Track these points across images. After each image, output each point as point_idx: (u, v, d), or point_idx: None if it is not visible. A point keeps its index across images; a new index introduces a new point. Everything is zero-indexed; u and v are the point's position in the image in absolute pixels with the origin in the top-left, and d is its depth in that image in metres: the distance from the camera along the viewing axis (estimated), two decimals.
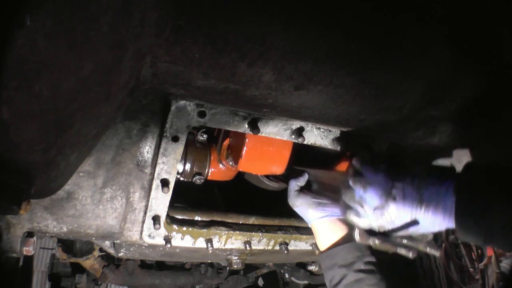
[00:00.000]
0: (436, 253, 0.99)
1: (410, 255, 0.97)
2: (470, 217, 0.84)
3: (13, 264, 1.18)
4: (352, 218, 1.00)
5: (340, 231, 1.25)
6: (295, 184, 1.39)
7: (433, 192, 0.90)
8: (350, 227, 1.11)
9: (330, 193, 1.33)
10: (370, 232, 0.99)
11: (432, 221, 0.90)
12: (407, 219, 0.92)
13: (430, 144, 1.27)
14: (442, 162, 1.37)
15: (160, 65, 0.85)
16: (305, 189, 1.39)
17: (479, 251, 4.63)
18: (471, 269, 4.48)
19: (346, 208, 1.02)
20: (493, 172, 0.87)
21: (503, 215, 0.79)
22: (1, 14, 0.49)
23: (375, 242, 0.98)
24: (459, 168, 0.92)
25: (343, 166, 1.47)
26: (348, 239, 1.22)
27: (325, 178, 1.40)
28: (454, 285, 4.08)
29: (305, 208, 1.32)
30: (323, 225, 1.28)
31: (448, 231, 4.44)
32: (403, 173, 0.95)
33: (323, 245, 1.28)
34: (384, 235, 0.98)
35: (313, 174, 1.42)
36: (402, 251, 0.98)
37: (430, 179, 0.92)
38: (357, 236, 1.01)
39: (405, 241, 0.98)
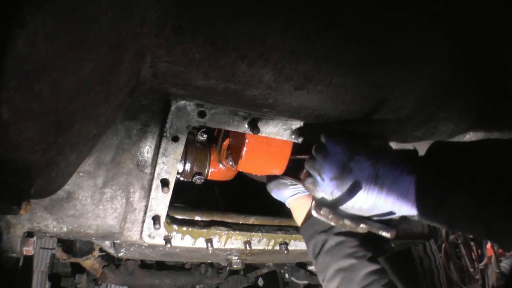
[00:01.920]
0: (387, 234, 0.96)
1: (360, 229, 0.97)
2: (431, 203, 0.82)
3: (13, 264, 1.18)
4: (309, 185, 1.03)
5: None
6: None
7: (388, 171, 0.91)
8: None
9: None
10: (326, 205, 0.99)
11: (385, 200, 0.90)
12: (362, 193, 0.92)
13: None
14: None
15: (160, 65, 0.85)
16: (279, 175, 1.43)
17: (479, 251, 4.64)
18: (471, 269, 4.50)
19: (307, 176, 1.05)
20: (456, 152, 0.85)
21: (464, 200, 0.77)
22: (1, 14, 0.49)
23: (327, 213, 0.98)
24: None
25: None
26: None
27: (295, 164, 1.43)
28: (454, 285, 4.09)
29: (278, 189, 1.37)
30: (298, 201, 1.32)
31: (448, 231, 4.45)
32: (362, 147, 0.97)
33: (301, 219, 1.29)
34: (336, 209, 0.99)
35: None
36: (349, 224, 0.97)
37: (387, 158, 0.94)
38: (312, 207, 1.02)
39: (356, 216, 0.98)
